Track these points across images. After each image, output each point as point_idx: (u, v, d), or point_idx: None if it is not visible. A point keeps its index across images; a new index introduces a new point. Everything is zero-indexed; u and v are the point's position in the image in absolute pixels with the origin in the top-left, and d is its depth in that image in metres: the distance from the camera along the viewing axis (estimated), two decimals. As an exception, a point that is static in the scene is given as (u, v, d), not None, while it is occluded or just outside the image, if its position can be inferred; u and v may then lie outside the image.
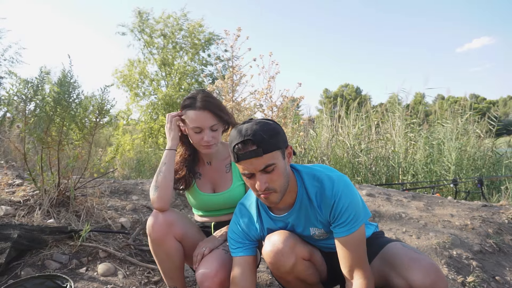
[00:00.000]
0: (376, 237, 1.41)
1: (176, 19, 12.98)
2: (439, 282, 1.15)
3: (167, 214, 1.50)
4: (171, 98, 11.75)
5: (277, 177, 1.18)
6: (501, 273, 2.31)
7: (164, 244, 1.49)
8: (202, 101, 1.51)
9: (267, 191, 1.19)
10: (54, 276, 1.68)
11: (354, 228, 1.22)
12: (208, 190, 1.65)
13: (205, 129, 1.52)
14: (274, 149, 1.15)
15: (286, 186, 1.23)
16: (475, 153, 6.13)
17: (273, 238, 1.31)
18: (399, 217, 3.03)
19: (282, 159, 1.19)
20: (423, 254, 1.26)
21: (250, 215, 1.39)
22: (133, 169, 6.99)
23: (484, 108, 14.30)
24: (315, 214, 1.29)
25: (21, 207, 2.33)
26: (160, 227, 1.47)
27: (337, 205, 1.22)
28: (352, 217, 1.21)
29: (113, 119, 2.56)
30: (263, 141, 1.13)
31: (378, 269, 1.28)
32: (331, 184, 1.24)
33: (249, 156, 1.13)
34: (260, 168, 1.15)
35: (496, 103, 30.40)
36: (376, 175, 6.11)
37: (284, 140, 1.21)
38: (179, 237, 1.52)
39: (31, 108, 2.25)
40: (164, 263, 1.55)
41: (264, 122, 1.19)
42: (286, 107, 4.58)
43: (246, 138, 1.13)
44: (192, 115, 1.52)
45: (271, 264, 1.31)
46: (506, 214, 3.23)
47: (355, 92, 41.01)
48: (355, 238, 1.22)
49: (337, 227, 1.24)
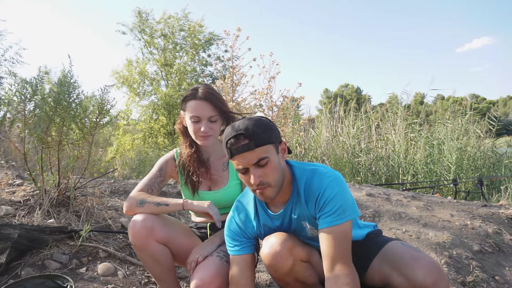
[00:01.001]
0: (374, 236, 1.41)
1: (177, 19, 12.99)
2: (440, 280, 1.14)
3: (146, 219, 1.47)
4: (171, 98, 11.76)
5: (270, 171, 1.18)
6: (501, 273, 2.31)
7: (146, 249, 1.47)
8: (204, 92, 1.54)
9: (261, 186, 1.19)
10: (55, 276, 1.68)
11: (339, 220, 1.19)
12: (204, 187, 1.65)
13: (203, 119, 1.53)
14: (266, 143, 1.16)
15: (282, 181, 1.23)
16: (475, 153, 6.13)
17: (270, 240, 1.31)
18: (399, 217, 3.03)
19: (275, 153, 1.20)
20: (424, 252, 1.25)
21: (247, 212, 1.39)
22: (133, 169, 6.98)
23: (484, 108, 14.30)
24: (303, 209, 1.29)
25: (21, 207, 2.33)
26: (139, 232, 1.45)
27: (322, 196, 1.21)
28: (337, 208, 1.19)
29: (113, 119, 2.56)
30: (255, 134, 1.14)
31: (379, 268, 1.27)
32: (319, 177, 1.24)
33: (242, 150, 1.15)
34: (253, 162, 1.16)
35: (496, 103, 30.41)
36: (376, 175, 6.11)
37: (277, 136, 1.22)
38: (162, 240, 1.49)
39: (31, 108, 2.25)
40: (152, 268, 1.53)
41: (256, 118, 1.21)
42: (286, 107, 4.58)
43: (238, 133, 1.15)
44: (192, 104, 1.53)
45: (269, 266, 1.31)
46: (506, 214, 3.23)
47: (355, 92, 41.02)
48: (339, 231, 1.19)
49: (321, 217, 1.22)
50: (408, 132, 6.53)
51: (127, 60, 13.08)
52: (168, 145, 11.13)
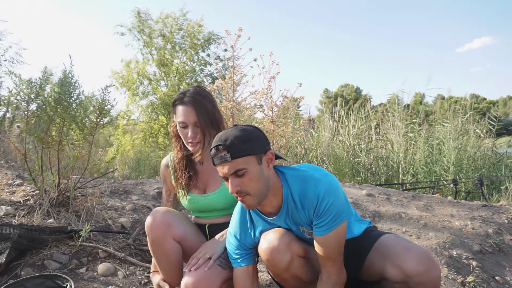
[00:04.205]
0: (369, 231, 1.44)
1: (175, 19, 12.97)
2: (432, 269, 1.18)
3: (166, 214, 1.50)
4: (170, 98, 11.76)
5: (248, 181, 1.21)
6: (501, 273, 2.31)
7: (163, 245, 1.49)
8: (190, 97, 1.53)
9: (240, 194, 1.23)
10: (54, 276, 1.68)
11: (333, 226, 1.25)
12: (197, 191, 1.64)
13: (189, 125, 1.53)
14: (244, 155, 1.19)
15: (264, 190, 1.25)
16: (475, 153, 6.13)
17: (268, 235, 1.33)
18: (399, 217, 3.03)
19: (256, 164, 1.22)
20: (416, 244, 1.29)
21: (244, 223, 1.41)
22: (133, 169, 6.98)
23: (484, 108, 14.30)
24: (300, 215, 1.31)
25: (21, 207, 2.33)
26: (158, 227, 1.47)
27: (320, 206, 1.25)
28: (331, 218, 1.24)
29: (114, 119, 2.56)
30: (233, 146, 1.18)
31: (373, 261, 1.31)
32: (314, 184, 1.27)
33: (219, 161, 1.20)
34: (230, 173, 1.20)
35: (496, 103, 30.40)
36: (376, 175, 6.11)
37: (260, 146, 1.24)
38: (178, 237, 1.52)
39: (34, 108, 2.25)
40: (162, 264, 1.55)
41: (242, 128, 1.24)
42: (286, 107, 4.58)
43: (217, 144, 1.20)
44: (179, 110, 1.54)
45: (267, 261, 1.33)
46: (506, 214, 3.23)
47: (355, 92, 41.02)
48: (333, 235, 1.26)
49: (315, 226, 1.28)
50: (408, 132, 6.54)
51: (127, 62, 13.06)
52: (168, 145, 11.13)
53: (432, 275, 1.18)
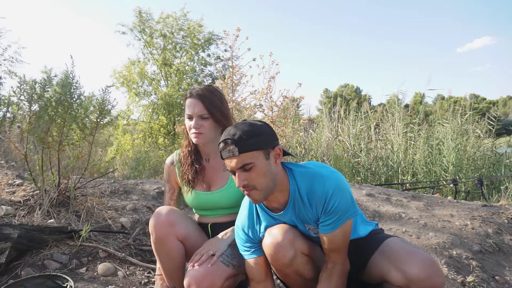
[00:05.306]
0: (375, 233, 1.44)
1: (176, 19, 12.96)
2: (435, 275, 1.17)
3: (169, 213, 1.51)
4: (171, 98, 11.75)
5: (255, 176, 1.22)
6: (501, 273, 2.32)
7: (166, 244, 1.50)
8: (198, 90, 1.59)
9: (247, 188, 1.24)
10: (54, 276, 1.68)
11: (340, 223, 1.27)
12: (202, 188, 1.65)
13: (194, 116, 1.56)
14: (252, 149, 1.21)
15: (271, 185, 1.26)
16: (475, 153, 6.13)
17: (273, 231, 1.34)
18: (399, 217, 3.03)
19: (263, 159, 1.23)
20: (421, 249, 1.28)
21: (252, 217, 1.42)
22: (133, 169, 6.98)
23: (484, 108, 14.30)
24: (307, 211, 1.32)
25: (21, 207, 2.33)
26: (162, 226, 1.48)
27: (328, 203, 1.26)
28: (338, 216, 1.26)
29: (114, 119, 2.56)
30: (241, 141, 1.20)
31: (377, 263, 1.31)
32: (322, 181, 1.28)
33: (227, 155, 1.22)
34: (238, 167, 1.21)
35: (496, 103, 30.40)
36: (375, 175, 6.11)
37: (268, 141, 1.25)
38: (181, 237, 1.52)
39: (36, 108, 2.26)
40: (165, 263, 1.56)
41: (250, 123, 1.25)
42: (286, 107, 4.58)
43: (226, 138, 1.22)
44: (187, 103, 1.60)
45: (270, 256, 1.34)
46: (506, 214, 3.23)
47: (355, 92, 41.02)
48: (337, 234, 1.29)
49: (322, 223, 1.30)
50: (407, 132, 6.54)
51: (129, 61, 13.05)
52: (168, 145, 11.12)
53: (435, 282, 1.16)
